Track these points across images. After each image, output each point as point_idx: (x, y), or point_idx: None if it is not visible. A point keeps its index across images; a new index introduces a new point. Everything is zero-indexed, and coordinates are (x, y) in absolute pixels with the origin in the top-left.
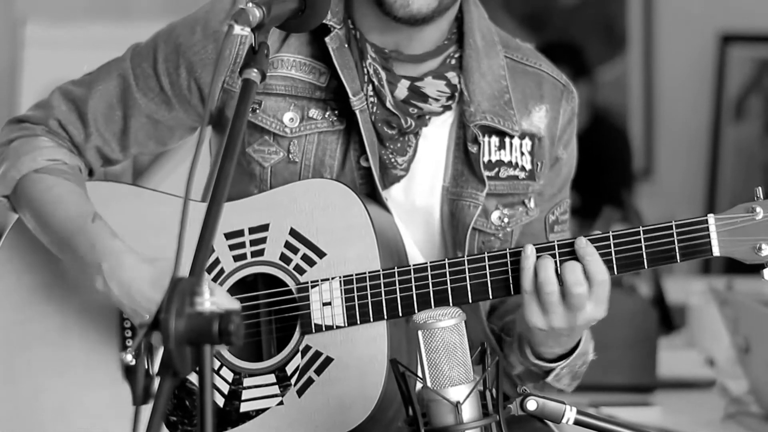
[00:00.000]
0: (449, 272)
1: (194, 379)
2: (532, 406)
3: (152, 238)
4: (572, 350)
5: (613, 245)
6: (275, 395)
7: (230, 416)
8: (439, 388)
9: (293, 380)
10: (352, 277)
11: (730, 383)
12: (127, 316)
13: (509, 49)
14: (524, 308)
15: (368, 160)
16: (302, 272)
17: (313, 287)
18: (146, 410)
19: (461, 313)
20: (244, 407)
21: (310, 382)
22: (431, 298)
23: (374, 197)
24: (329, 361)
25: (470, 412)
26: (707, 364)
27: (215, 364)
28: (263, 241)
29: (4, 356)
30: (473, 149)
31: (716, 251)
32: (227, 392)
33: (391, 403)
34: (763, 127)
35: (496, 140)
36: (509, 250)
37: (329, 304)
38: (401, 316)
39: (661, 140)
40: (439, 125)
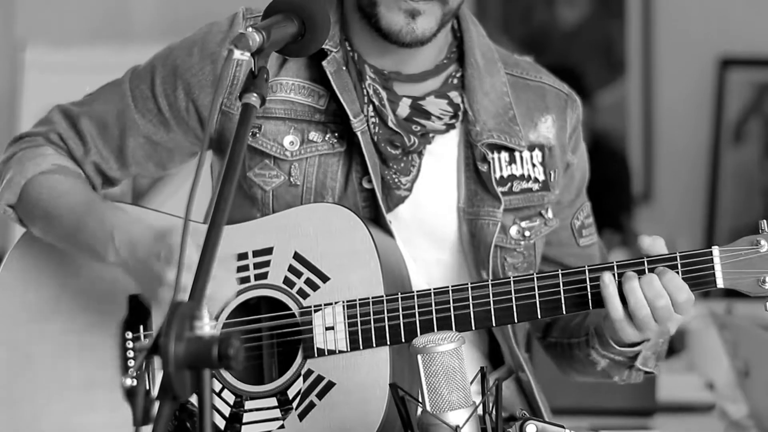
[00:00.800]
0: (453, 299)
1: (195, 400)
2: (531, 430)
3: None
4: None
5: (616, 275)
6: (276, 419)
7: None
8: (438, 412)
9: (295, 404)
10: (355, 302)
11: (729, 407)
12: (138, 288)
13: (509, 65)
14: (615, 332)
15: (371, 181)
16: (305, 296)
17: (316, 311)
18: None
19: (461, 337)
20: (245, 430)
21: (311, 406)
22: (434, 324)
23: (378, 220)
24: (331, 385)
25: None
26: (707, 387)
27: (217, 386)
28: (267, 264)
29: (5, 375)
30: (483, 167)
31: (720, 283)
32: (228, 415)
33: (392, 428)
34: (762, 150)
35: (505, 155)
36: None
37: (332, 328)
38: (404, 341)
39: (660, 164)
40: (443, 144)
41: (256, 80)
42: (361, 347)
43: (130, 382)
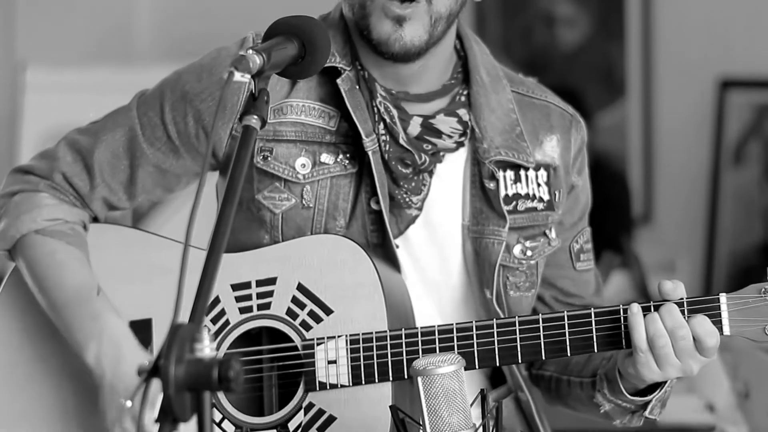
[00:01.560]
0: (456, 337)
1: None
2: None
3: (156, 280)
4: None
5: (623, 319)
6: None
7: None
8: None
9: None
10: (358, 336)
11: (730, 429)
12: (102, 397)
13: (514, 83)
14: (638, 366)
15: (379, 203)
16: (308, 328)
17: (318, 344)
18: None
19: (461, 359)
20: None
21: None
22: None
23: (384, 245)
24: (332, 419)
25: None
26: (707, 409)
27: (217, 416)
28: (270, 294)
29: (3, 397)
30: (491, 185)
31: (727, 331)
32: None
33: None
34: (762, 172)
35: (511, 174)
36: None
37: (334, 362)
38: (406, 378)
39: (660, 185)
40: (452, 162)
41: (256, 102)
42: (363, 382)
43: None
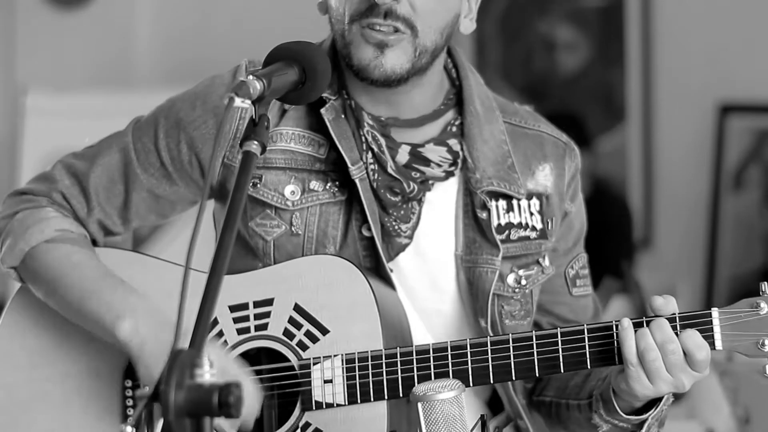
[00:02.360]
0: (451, 354)
1: None
2: None
3: (159, 304)
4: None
5: (615, 335)
6: None
7: None
8: None
9: None
10: (354, 355)
11: None
12: (141, 365)
13: (507, 113)
14: (630, 380)
15: (370, 229)
16: (305, 348)
17: (315, 364)
18: None
19: (460, 384)
20: None
21: None
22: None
23: (378, 269)
24: None
25: None
26: None
27: None
28: (267, 315)
29: (4, 419)
30: (483, 215)
31: (719, 345)
32: None
33: None
34: (762, 197)
35: (503, 203)
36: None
37: (330, 381)
38: (402, 396)
39: (660, 210)
40: (442, 192)
41: (256, 128)
42: (358, 401)
43: (129, 430)
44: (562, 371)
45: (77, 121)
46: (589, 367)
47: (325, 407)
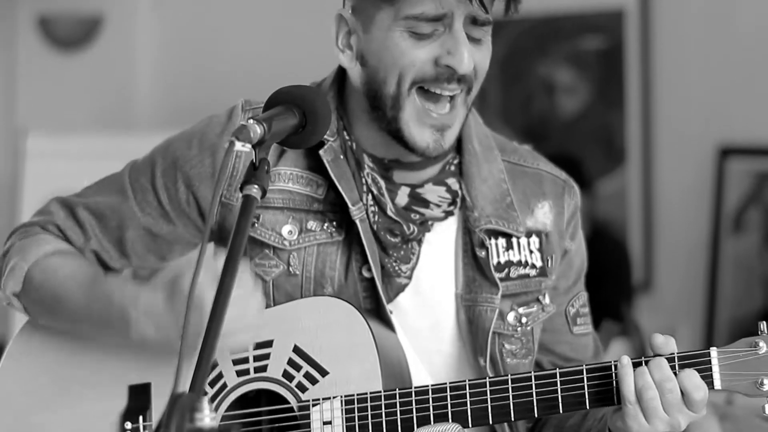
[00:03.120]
0: (450, 396)
1: None
2: None
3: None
4: None
5: (614, 375)
6: None
7: None
8: None
9: None
10: (353, 396)
11: None
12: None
13: (506, 152)
14: (627, 419)
15: (371, 270)
16: (304, 390)
17: (314, 405)
18: None
19: (459, 428)
20: None
21: None
22: (431, 421)
23: (378, 309)
24: None
25: None
26: None
27: None
28: (267, 357)
29: None
30: (482, 254)
31: (718, 385)
32: None
33: None
34: (762, 239)
35: (503, 241)
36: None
37: (330, 423)
38: None
39: (660, 253)
40: (441, 231)
41: (256, 172)
42: None
43: None
44: (561, 412)
45: (78, 163)
46: (587, 407)
47: None
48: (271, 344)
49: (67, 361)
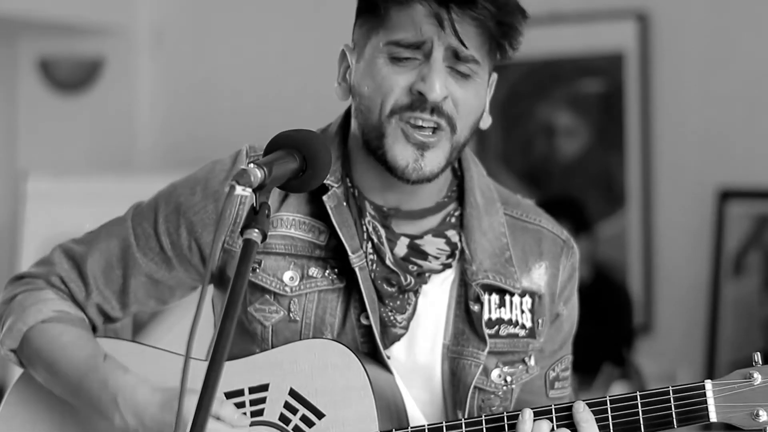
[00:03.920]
0: None
1: None
2: None
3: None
4: None
5: (610, 410)
6: None
7: None
8: None
9: None
10: None
11: None
12: None
13: (508, 205)
14: None
15: (368, 318)
16: None
17: None
18: None
19: None
20: None
21: None
22: None
23: (375, 356)
24: None
25: None
26: None
27: None
28: (263, 401)
29: None
30: (475, 308)
31: (713, 417)
32: None
33: None
34: (762, 283)
35: (496, 298)
36: (506, 413)
37: None
38: None
39: (660, 296)
40: (439, 283)
41: (257, 216)
42: None
43: None
44: None
45: (78, 205)
46: None
47: None
48: (267, 388)
49: (64, 410)
